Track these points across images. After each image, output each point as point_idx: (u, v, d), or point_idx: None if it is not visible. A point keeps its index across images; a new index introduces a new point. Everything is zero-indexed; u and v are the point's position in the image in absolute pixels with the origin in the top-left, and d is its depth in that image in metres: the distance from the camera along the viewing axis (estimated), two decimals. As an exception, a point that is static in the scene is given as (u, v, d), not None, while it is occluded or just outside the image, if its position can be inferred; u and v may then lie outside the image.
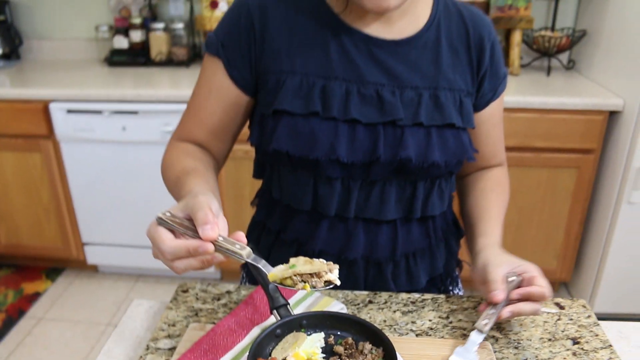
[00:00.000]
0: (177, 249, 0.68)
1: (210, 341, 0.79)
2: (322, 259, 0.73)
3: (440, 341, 0.84)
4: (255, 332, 0.82)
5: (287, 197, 0.96)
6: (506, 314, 0.81)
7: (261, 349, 0.74)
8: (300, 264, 0.71)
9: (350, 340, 0.78)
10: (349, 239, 0.95)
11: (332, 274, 0.71)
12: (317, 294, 0.92)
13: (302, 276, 0.71)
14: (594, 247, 2.41)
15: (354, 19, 0.89)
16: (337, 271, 0.72)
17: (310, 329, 0.79)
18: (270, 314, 0.81)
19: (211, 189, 0.83)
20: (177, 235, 0.71)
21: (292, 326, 0.79)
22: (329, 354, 0.76)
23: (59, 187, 2.55)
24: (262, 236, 1.04)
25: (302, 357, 0.73)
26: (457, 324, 0.89)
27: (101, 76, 2.61)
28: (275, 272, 0.71)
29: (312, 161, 0.88)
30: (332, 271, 0.72)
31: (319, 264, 0.71)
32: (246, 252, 0.70)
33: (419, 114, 0.88)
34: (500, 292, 0.81)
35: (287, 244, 1.00)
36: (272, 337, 0.77)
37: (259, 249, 1.02)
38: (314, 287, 0.70)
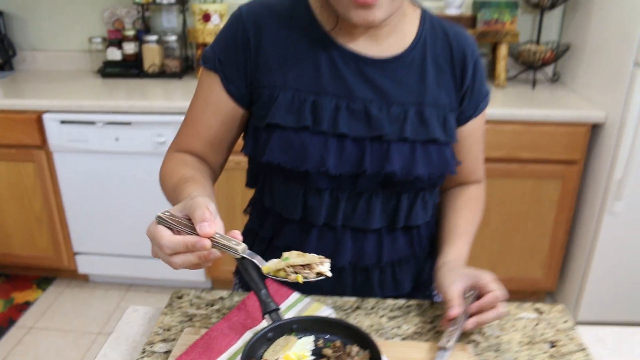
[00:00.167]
0: (176, 244, 0.71)
1: (204, 344, 0.83)
2: (314, 253, 0.77)
3: (424, 344, 0.87)
4: (247, 336, 0.85)
5: (279, 206, 1.00)
6: (471, 325, 0.85)
7: (253, 352, 0.78)
8: (293, 257, 0.75)
9: (338, 343, 0.81)
10: (337, 246, 0.99)
11: (324, 266, 0.75)
12: (307, 300, 0.96)
13: (294, 268, 0.74)
14: (578, 256, 2.46)
15: (343, 37, 0.93)
16: (328, 264, 0.76)
17: (300, 333, 0.83)
18: (262, 318, 0.84)
19: (208, 195, 0.86)
20: (176, 233, 0.74)
21: (283, 330, 0.82)
22: (318, 356, 0.80)
23: (51, 196, 2.57)
24: (255, 243, 1.07)
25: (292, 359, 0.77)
26: (440, 328, 0.92)
27: (94, 87, 2.64)
28: (269, 265, 0.75)
29: (303, 173, 0.92)
30: (323, 264, 0.75)
31: (311, 257, 0.75)
32: (241, 248, 0.73)
33: (405, 129, 0.92)
34: (454, 308, 0.85)
35: (279, 250, 1.03)
36: (264, 340, 0.80)
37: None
38: (305, 278, 0.74)
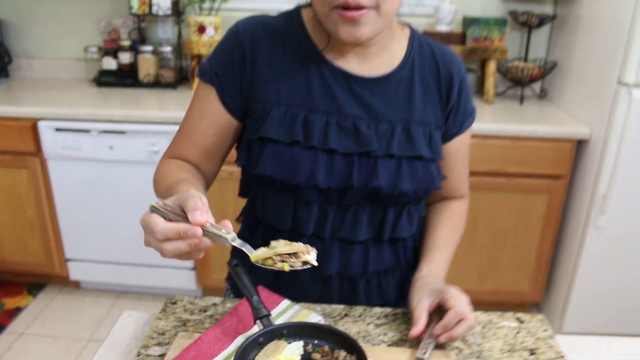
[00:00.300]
0: (168, 230, 0.73)
1: (197, 348, 0.86)
2: (301, 242, 0.80)
3: (408, 350, 0.91)
4: (239, 341, 0.88)
5: (269, 216, 1.03)
6: (443, 339, 0.90)
7: (245, 356, 0.81)
8: (280, 246, 0.78)
9: (326, 348, 0.85)
10: (325, 256, 1.02)
11: (310, 256, 0.78)
12: (297, 307, 0.99)
13: (281, 257, 0.77)
14: (564, 269, 2.51)
15: (335, 56, 0.97)
16: (314, 253, 0.78)
17: (290, 338, 0.86)
18: (253, 323, 0.88)
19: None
20: (169, 222, 0.75)
21: (273, 335, 0.85)
22: (307, 360, 0.84)
23: (44, 203, 2.59)
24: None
25: (282, 363, 0.81)
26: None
27: (90, 96, 2.67)
28: (257, 254, 0.78)
29: (294, 186, 0.95)
30: (309, 252, 0.78)
31: (298, 246, 0.78)
32: (231, 237, 0.75)
33: (392, 146, 0.96)
34: (415, 328, 0.90)
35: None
36: (255, 345, 0.84)
37: (244, 263, 1.09)
38: (292, 267, 0.76)
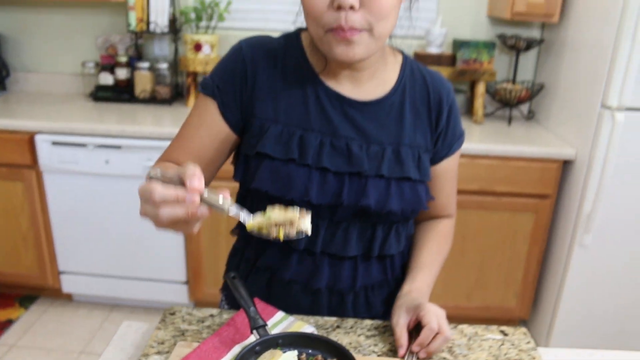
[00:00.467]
0: (167, 193, 0.73)
1: (196, 357, 0.90)
2: (297, 207, 0.82)
3: (398, 361, 0.96)
4: (236, 350, 0.92)
5: None
6: (422, 355, 0.95)
7: (242, 363, 0.85)
8: (275, 213, 0.80)
9: (320, 357, 0.89)
10: (316, 270, 1.07)
11: (304, 224, 0.79)
12: (291, 319, 1.03)
13: (277, 225, 0.79)
14: (550, 286, 2.56)
15: (330, 79, 1.02)
16: (309, 219, 0.80)
17: (285, 347, 0.91)
18: (250, 333, 0.92)
19: None
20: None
21: (269, 344, 0.90)
22: (301, 369, 0.88)
23: (39, 216, 2.61)
24: (241, 263, 1.15)
25: (278, 371, 0.85)
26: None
27: (86, 110, 2.71)
28: (252, 222, 0.80)
29: (288, 201, 0.99)
30: (304, 218, 0.80)
31: (292, 213, 0.80)
32: (228, 205, 0.77)
33: (382, 167, 1.01)
34: (401, 350, 0.96)
35: (261, 271, 1.11)
36: (252, 353, 0.88)
37: (239, 275, 1.13)
38: (287, 236, 0.78)
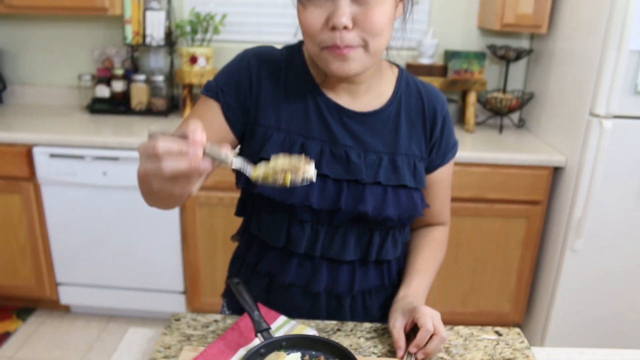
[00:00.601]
0: (170, 146, 0.71)
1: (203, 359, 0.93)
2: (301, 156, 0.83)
3: (397, 361, 0.99)
4: (241, 353, 0.95)
5: (264, 233, 1.11)
6: (420, 356, 0.99)
7: (248, 365, 0.89)
8: (279, 160, 0.81)
9: (322, 358, 0.93)
10: (315, 274, 1.10)
11: (309, 171, 0.80)
12: (293, 323, 1.06)
13: (283, 171, 0.79)
14: (543, 291, 2.60)
15: (329, 91, 1.07)
16: (312, 167, 0.81)
17: (289, 349, 0.94)
18: (254, 336, 0.95)
19: None
20: None
21: (273, 346, 0.93)
22: (305, 369, 0.91)
23: (36, 227, 2.63)
24: (242, 269, 1.19)
25: (282, 372, 0.88)
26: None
27: (83, 123, 2.74)
28: (257, 172, 0.80)
29: (289, 205, 1.04)
30: (309, 164, 0.80)
31: (297, 160, 0.81)
32: (231, 156, 0.77)
33: (379, 175, 1.05)
34: (399, 351, 0.99)
35: (262, 275, 1.15)
36: (257, 355, 0.91)
37: (241, 280, 1.15)
38: (292, 182, 0.79)
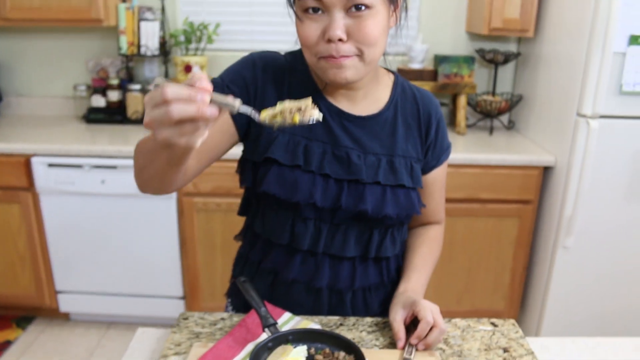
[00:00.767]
0: (179, 91, 0.71)
1: (213, 355, 0.97)
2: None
3: (399, 352, 1.03)
4: (249, 348, 0.99)
5: (268, 232, 1.15)
6: (421, 347, 1.03)
7: (257, 358, 0.93)
8: (286, 102, 0.83)
9: (327, 350, 0.97)
10: (317, 270, 1.14)
11: (315, 112, 0.83)
12: (297, 318, 1.11)
13: (289, 113, 0.82)
14: (536, 288, 2.65)
15: (330, 96, 1.12)
16: (317, 110, 0.84)
17: (295, 343, 0.98)
18: (262, 331, 0.99)
19: None
20: None
21: (280, 340, 0.97)
22: (311, 361, 0.95)
23: (35, 236, 2.65)
24: (246, 267, 1.23)
25: (290, 365, 0.92)
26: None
27: (80, 132, 2.77)
28: (264, 114, 0.84)
29: (294, 203, 1.08)
30: (314, 108, 0.83)
31: (304, 101, 0.84)
32: (238, 102, 0.78)
33: (378, 175, 1.10)
34: (399, 341, 1.03)
35: (266, 272, 1.19)
36: (265, 349, 0.95)
37: (246, 277, 1.19)
38: (301, 121, 0.81)
